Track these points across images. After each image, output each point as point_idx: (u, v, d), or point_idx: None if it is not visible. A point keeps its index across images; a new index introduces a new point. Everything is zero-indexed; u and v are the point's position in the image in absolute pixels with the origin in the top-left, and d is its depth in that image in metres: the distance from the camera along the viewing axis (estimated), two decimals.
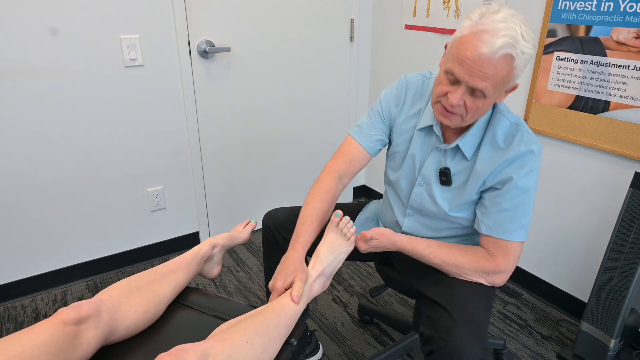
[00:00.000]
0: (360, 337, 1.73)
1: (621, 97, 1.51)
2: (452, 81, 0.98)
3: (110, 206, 2.00)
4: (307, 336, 1.03)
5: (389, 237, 1.12)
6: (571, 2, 1.57)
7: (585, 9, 1.53)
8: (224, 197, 2.30)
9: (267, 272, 1.47)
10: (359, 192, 2.85)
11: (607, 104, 1.55)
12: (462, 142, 1.10)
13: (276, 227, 1.37)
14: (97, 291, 1.97)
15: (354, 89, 2.53)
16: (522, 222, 1.08)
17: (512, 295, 1.99)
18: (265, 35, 2.11)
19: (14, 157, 1.73)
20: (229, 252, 2.28)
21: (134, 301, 0.95)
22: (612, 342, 1.49)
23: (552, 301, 1.92)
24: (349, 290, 2.01)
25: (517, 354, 1.66)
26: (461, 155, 1.12)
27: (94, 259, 2.04)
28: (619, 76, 1.50)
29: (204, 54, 1.97)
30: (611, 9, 1.47)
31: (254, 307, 1.08)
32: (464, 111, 1.00)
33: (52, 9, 1.63)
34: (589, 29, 1.54)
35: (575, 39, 1.59)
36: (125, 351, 0.92)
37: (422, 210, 1.22)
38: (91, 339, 0.84)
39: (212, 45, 1.98)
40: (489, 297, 1.12)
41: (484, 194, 1.11)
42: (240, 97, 2.15)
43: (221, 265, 1.29)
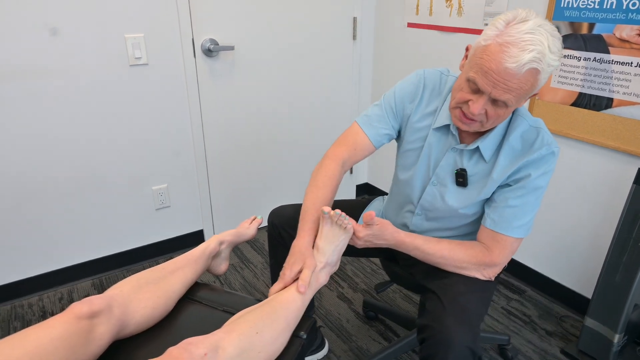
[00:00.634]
0: (365, 333, 1.75)
1: (624, 93, 1.51)
2: (474, 90, 0.98)
3: (115, 205, 2.01)
4: (315, 330, 1.04)
5: (390, 228, 1.09)
6: (574, 0, 1.57)
7: (588, 6, 1.54)
8: (228, 195, 2.31)
9: (273, 270, 1.48)
10: (361, 189, 2.86)
11: (611, 100, 1.55)
12: (482, 144, 1.09)
13: (282, 224, 1.38)
14: (102, 289, 1.98)
15: (356, 87, 2.54)
16: (526, 220, 1.09)
17: (516, 291, 2.00)
18: (268, 33, 2.12)
19: (21, 157, 1.74)
20: (234, 249, 2.29)
21: (144, 297, 0.97)
22: (616, 338, 1.50)
23: (555, 297, 1.93)
24: (354, 287, 2.03)
25: (521, 350, 1.67)
26: (479, 156, 1.11)
27: (99, 257, 2.06)
28: (622, 73, 1.51)
29: (208, 52, 1.98)
30: (614, 7, 1.48)
31: (260, 300, 1.10)
32: (485, 118, 1.00)
33: (57, 8, 1.64)
34: (591, 26, 1.55)
35: (578, 37, 1.59)
36: (136, 345, 0.93)
37: (433, 209, 1.22)
38: (104, 333, 0.85)
39: (216, 43, 1.99)
40: (486, 291, 1.13)
41: (496, 189, 1.11)
42: (244, 95, 2.16)
43: (228, 261, 1.30)
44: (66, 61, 1.71)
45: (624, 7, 1.45)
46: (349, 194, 2.79)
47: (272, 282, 1.45)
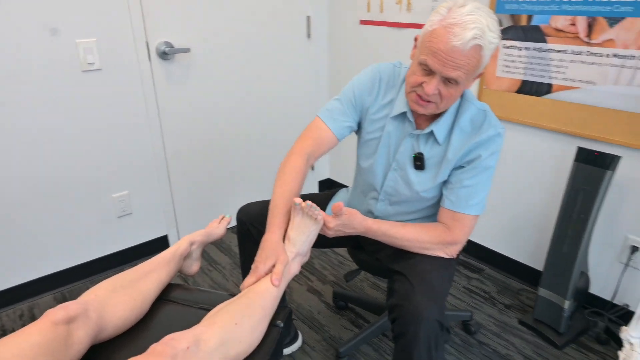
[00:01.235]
0: (337, 322, 1.80)
1: (562, 79, 1.64)
2: (427, 72, 1.05)
3: (74, 215, 1.95)
4: (291, 318, 1.08)
5: (358, 217, 1.14)
6: None
7: None
8: (192, 198, 2.29)
9: (244, 267, 1.50)
10: (324, 185, 2.91)
11: (550, 86, 1.68)
12: (435, 128, 1.17)
13: (250, 221, 1.40)
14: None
15: (313, 84, 2.58)
16: (480, 197, 1.17)
17: (475, 270, 2.11)
18: (224, 34, 2.13)
19: None
20: None
21: (120, 299, 0.97)
22: (567, 304, 1.62)
23: (511, 273, 2.07)
24: (322, 279, 2.07)
25: (483, 324, 1.78)
26: (433, 140, 1.19)
27: (60, 270, 1.99)
28: (559, 60, 1.63)
29: (164, 55, 1.97)
30: None
31: (234, 295, 1.12)
32: (439, 99, 1.08)
33: (5, 13, 1.58)
34: (530, 18, 1.67)
35: (518, 28, 1.71)
36: (115, 348, 0.93)
37: (395, 194, 1.28)
38: (82, 337, 0.85)
39: (172, 46, 1.98)
40: (448, 269, 1.21)
41: (451, 172, 1.19)
42: (201, 97, 2.16)
43: (200, 261, 1.31)
44: (14, 68, 1.65)
45: None
46: (312, 189, 2.84)
47: (244, 277, 1.47)
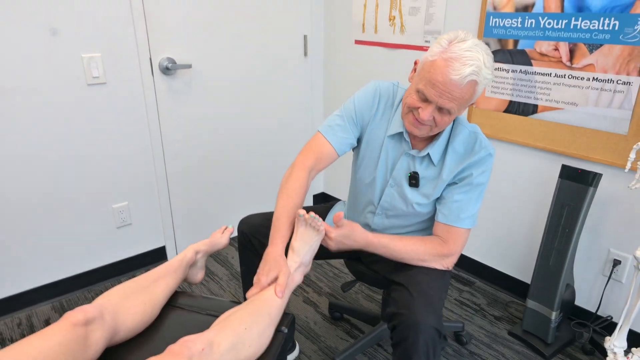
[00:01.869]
0: (332, 333, 1.84)
1: (546, 100, 1.74)
2: (423, 99, 1.13)
3: (74, 225, 1.98)
4: (294, 325, 1.13)
5: (359, 229, 1.20)
6: (500, 19, 1.79)
7: (512, 25, 1.76)
8: (189, 211, 2.34)
9: (244, 277, 1.54)
10: (318, 199, 2.97)
11: (536, 107, 1.78)
12: (432, 151, 1.25)
13: (252, 232, 1.45)
14: (63, 312, 1.94)
15: (309, 100, 2.66)
16: (472, 212, 1.25)
17: (466, 283, 2.18)
18: (225, 51, 2.20)
19: None
20: None
21: (132, 304, 1.01)
22: (554, 315, 1.69)
23: (501, 286, 2.14)
24: (318, 291, 2.12)
25: (474, 335, 1.84)
26: (429, 161, 1.27)
27: (59, 279, 2.01)
28: (543, 82, 1.73)
29: (166, 70, 2.03)
30: (533, 25, 1.71)
31: (239, 302, 1.17)
32: (433, 124, 1.17)
33: (14, 27, 1.64)
34: (516, 42, 1.77)
35: (505, 51, 1.81)
36: (129, 350, 0.97)
37: (392, 208, 1.35)
38: (98, 339, 0.89)
39: (174, 62, 2.04)
40: (444, 279, 1.27)
41: (445, 187, 1.27)
42: (202, 112, 2.22)
43: (204, 270, 1.36)
44: (22, 81, 1.70)
45: (542, 25, 1.68)
46: (306, 203, 2.89)
47: (244, 289, 1.51)
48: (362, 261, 1.51)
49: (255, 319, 0.99)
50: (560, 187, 1.64)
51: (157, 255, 2.29)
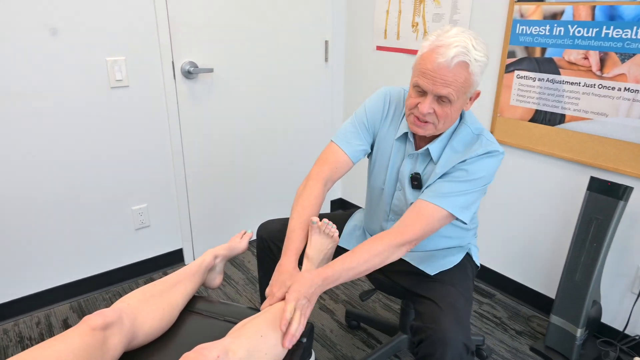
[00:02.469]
0: (349, 342, 1.81)
1: (574, 110, 1.69)
2: (420, 93, 1.12)
3: (94, 225, 2.00)
4: (313, 334, 1.10)
5: (305, 277, 1.04)
6: (527, 27, 1.76)
7: (540, 33, 1.72)
8: (207, 214, 2.34)
9: (262, 281, 1.53)
10: (336, 204, 2.95)
11: (563, 116, 1.73)
12: (432, 147, 1.22)
13: (270, 238, 1.44)
14: (81, 312, 1.96)
15: (329, 106, 2.65)
16: (458, 200, 1.14)
17: (486, 295, 2.13)
18: (246, 56, 2.21)
19: None
20: None
21: (151, 308, 1.00)
22: (579, 332, 1.64)
23: (522, 299, 2.08)
24: (335, 298, 2.09)
25: (494, 349, 1.79)
26: (430, 159, 1.24)
27: (77, 280, 2.03)
28: (571, 92, 1.69)
29: (188, 74, 2.04)
30: (562, 33, 1.66)
31: (255, 308, 1.15)
32: (436, 119, 1.13)
33: (39, 31, 1.66)
34: (544, 50, 1.73)
35: (532, 60, 1.77)
36: (147, 355, 0.97)
37: (401, 213, 1.32)
38: (117, 344, 0.89)
39: (196, 66, 2.05)
40: (469, 290, 1.23)
41: None
42: (222, 116, 2.23)
43: (222, 275, 1.35)
44: (47, 83, 1.73)
45: (571, 34, 1.64)
46: (324, 209, 2.88)
47: (261, 293, 1.50)
48: (382, 271, 1.48)
49: (271, 327, 0.97)
50: (588, 199, 1.59)
51: (174, 257, 2.30)
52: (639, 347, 1.70)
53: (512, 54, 1.82)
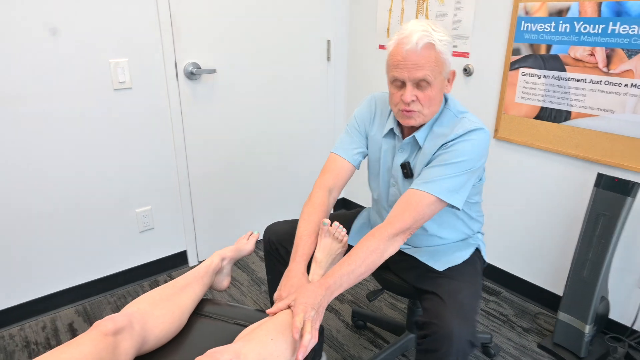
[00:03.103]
0: (356, 342, 1.81)
1: (580, 107, 1.69)
2: (399, 86, 1.16)
3: (98, 228, 1.99)
4: (323, 336, 1.10)
5: (309, 289, 1.03)
6: (532, 24, 1.75)
7: (545, 30, 1.72)
8: (211, 216, 2.33)
9: (271, 285, 1.52)
10: (339, 205, 2.94)
11: (569, 113, 1.72)
12: (418, 134, 1.24)
13: (278, 240, 1.44)
14: (86, 316, 1.95)
15: (332, 105, 2.64)
16: (445, 184, 1.14)
17: (492, 293, 2.12)
18: (249, 56, 2.20)
19: (1, 180, 1.71)
20: None
21: (161, 312, 1.00)
22: (587, 328, 1.63)
23: (528, 296, 2.07)
24: (340, 298, 2.09)
25: (502, 347, 1.78)
26: (418, 147, 1.25)
27: (82, 283, 2.02)
28: (577, 89, 1.68)
29: (191, 75, 2.03)
30: (568, 30, 1.65)
31: (263, 310, 1.15)
32: (420, 106, 1.16)
33: (42, 33, 1.65)
34: (549, 47, 1.72)
35: (537, 57, 1.76)
36: (160, 358, 0.96)
37: None
38: (128, 348, 0.88)
39: (199, 67, 2.04)
40: (476, 285, 1.23)
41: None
42: (225, 117, 2.22)
43: (230, 276, 1.34)
44: (50, 86, 1.72)
45: (577, 30, 1.63)
46: None
47: (270, 295, 1.50)
48: (390, 269, 1.47)
49: (281, 331, 0.97)
50: (595, 196, 1.58)
51: (179, 259, 2.29)
52: None
53: (517, 51, 1.81)
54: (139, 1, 1.82)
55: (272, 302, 1.13)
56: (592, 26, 1.59)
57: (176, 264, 2.29)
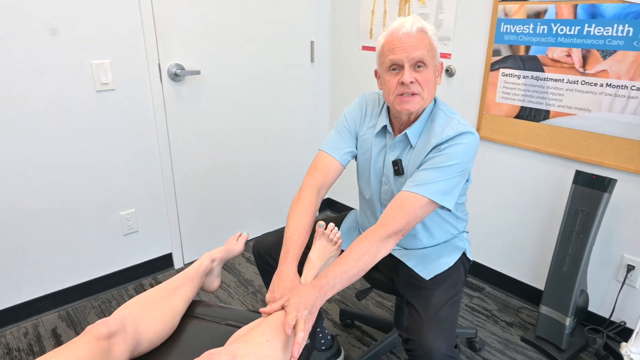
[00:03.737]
0: (344, 340, 1.82)
1: (559, 106, 1.74)
2: (396, 72, 1.18)
3: (81, 232, 1.96)
4: (315, 335, 1.11)
5: (303, 288, 1.04)
6: (512, 26, 1.79)
7: (524, 31, 1.77)
8: (197, 217, 2.32)
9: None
10: (323, 205, 2.96)
11: (548, 112, 1.78)
12: (409, 131, 1.25)
13: (267, 251, 1.44)
14: (70, 321, 1.92)
15: (315, 106, 2.66)
16: (437, 186, 1.16)
17: (476, 289, 2.17)
18: (233, 57, 2.19)
19: None
20: None
21: (153, 314, 0.99)
22: (568, 321, 1.68)
23: (511, 291, 2.13)
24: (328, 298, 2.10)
25: (486, 341, 1.82)
26: (410, 145, 1.27)
27: (65, 288, 1.99)
28: (555, 89, 1.73)
29: (175, 77, 2.02)
30: (545, 32, 1.71)
31: (255, 311, 1.15)
32: (420, 88, 1.18)
33: (23, 34, 1.62)
34: (528, 48, 1.77)
35: (517, 58, 1.81)
36: None
37: None
38: (122, 352, 0.87)
39: (182, 68, 2.03)
40: (457, 295, 1.26)
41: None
42: (210, 118, 2.21)
43: (220, 278, 1.34)
44: (31, 88, 1.68)
45: (554, 32, 1.68)
46: None
47: None
48: (378, 269, 1.49)
49: (276, 332, 0.97)
50: (574, 192, 1.63)
51: (164, 262, 2.27)
52: (624, 333, 1.77)
53: (497, 52, 1.86)
54: (121, 2, 1.80)
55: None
56: (568, 28, 1.64)
57: (162, 266, 2.27)
